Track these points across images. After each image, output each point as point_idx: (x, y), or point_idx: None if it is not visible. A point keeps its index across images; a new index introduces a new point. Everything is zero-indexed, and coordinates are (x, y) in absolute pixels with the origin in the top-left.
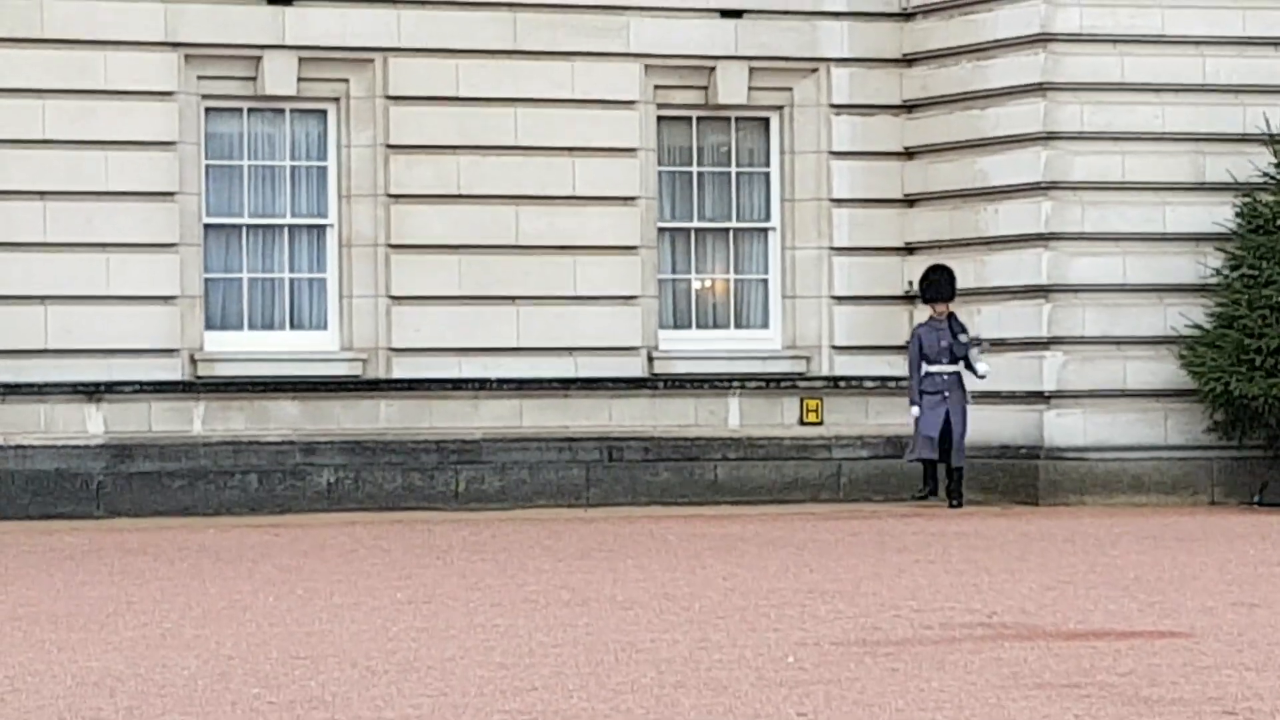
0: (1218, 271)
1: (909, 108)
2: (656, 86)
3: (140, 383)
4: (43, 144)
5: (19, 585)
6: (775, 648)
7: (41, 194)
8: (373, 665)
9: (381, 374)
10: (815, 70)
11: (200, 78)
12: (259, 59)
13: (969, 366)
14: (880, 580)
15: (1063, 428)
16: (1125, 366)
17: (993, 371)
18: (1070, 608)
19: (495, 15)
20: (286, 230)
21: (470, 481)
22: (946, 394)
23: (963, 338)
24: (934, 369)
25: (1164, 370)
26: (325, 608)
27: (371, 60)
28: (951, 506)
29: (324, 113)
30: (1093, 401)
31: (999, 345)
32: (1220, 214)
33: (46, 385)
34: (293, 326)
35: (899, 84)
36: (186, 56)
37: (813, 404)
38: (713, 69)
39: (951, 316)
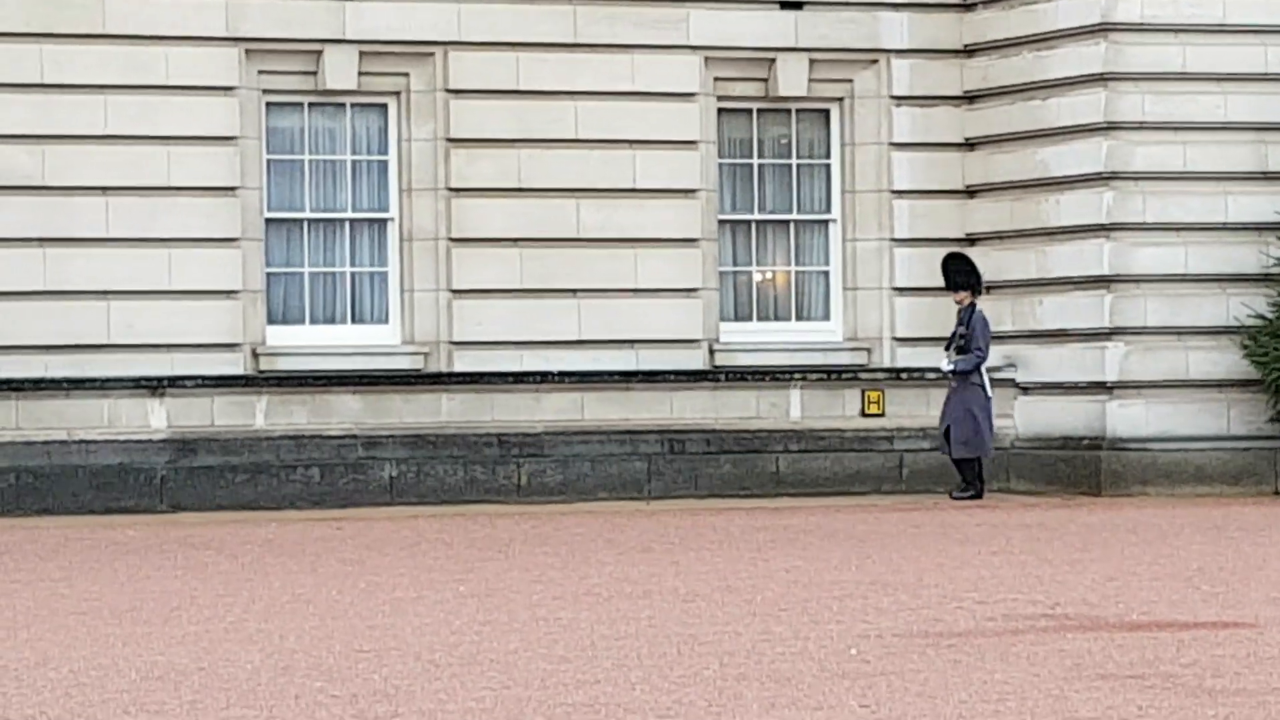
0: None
1: (969, 98)
2: (717, 79)
3: (202, 377)
4: (105, 140)
5: (83, 580)
6: (838, 640)
7: (104, 190)
8: (435, 658)
9: (443, 368)
10: (875, 61)
11: (261, 73)
12: (320, 53)
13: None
14: (943, 572)
15: (1125, 418)
16: (1188, 357)
17: (1051, 362)
18: (1133, 599)
19: (555, 8)
20: (348, 224)
21: (532, 475)
22: (954, 386)
23: (959, 330)
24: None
25: (1226, 360)
26: (388, 601)
27: (432, 54)
28: (952, 498)
29: (384, 107)
30: (1155, 392)
31: (1061, 336)
32: None
33: (109, 380)
34: (354, 320)
35: (959, 75)
36: (248, 51)
37: (874, 396)
38: (773, 61)
39: (970, 308)
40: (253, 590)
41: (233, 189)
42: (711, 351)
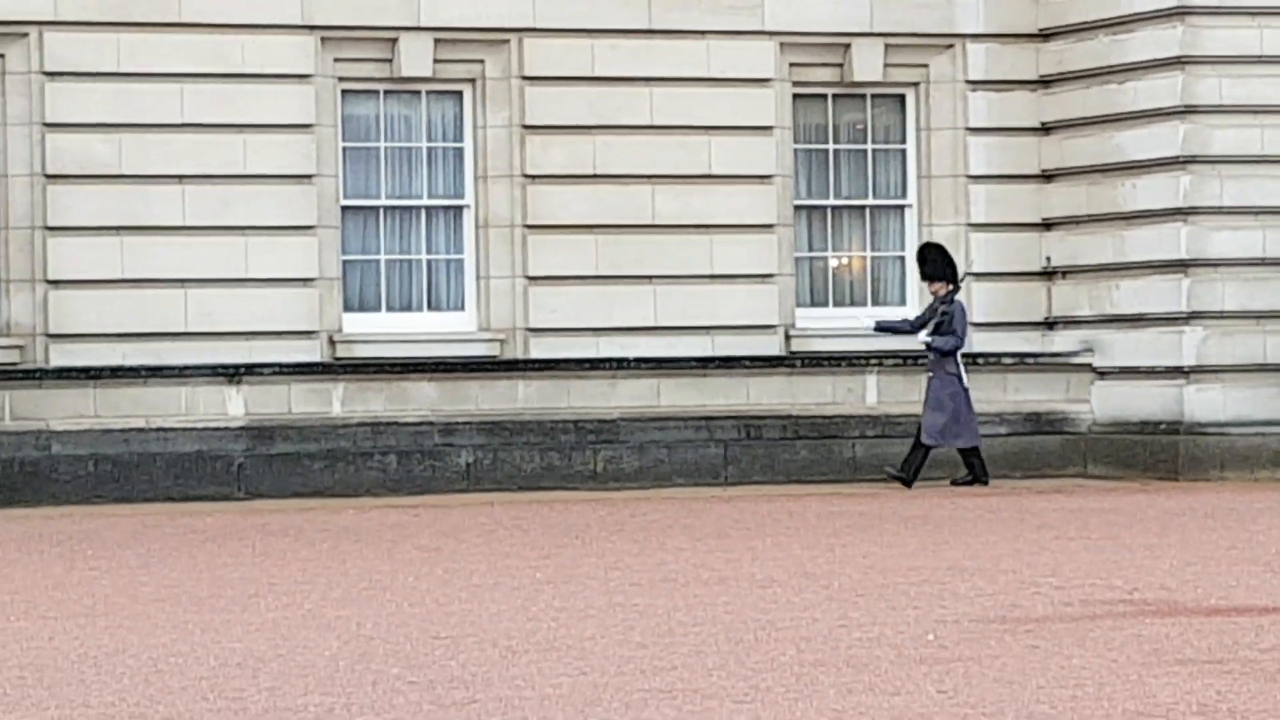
0: None
1: (1045, 83)
2: (792, 64)
3: (279, 365)
4: (181, 128)
5: (161, 567)
6: (915, 625)
7: (180, 178)
8: (513, 645)
9: (519, 354)
10: (951, 46)
11: (337, 60)
12: (395, 41)
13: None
14: (1020, 557)
15: (1203, 403)
16: (1265, 341)
17: (1128, 347)
18: (1211, 584)
19: None
20: (423, 211)
21: (608, 461)
22: (931, 376)
23: (941, 308)
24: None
25: None
26: (465, 587)
27: (507, 41)
28: (895, 476)
29: (460, 94)
30: (1233, 376)
31: (1138, 321)
32: None
33: (187, 368)
34: (430, 307)
35: (1035, 59)
36: (323, 39)
37: None
38: (848, 46)
39: (948, 297)
40: (330, 577)
41: (309, 177)
42: (788, 337)
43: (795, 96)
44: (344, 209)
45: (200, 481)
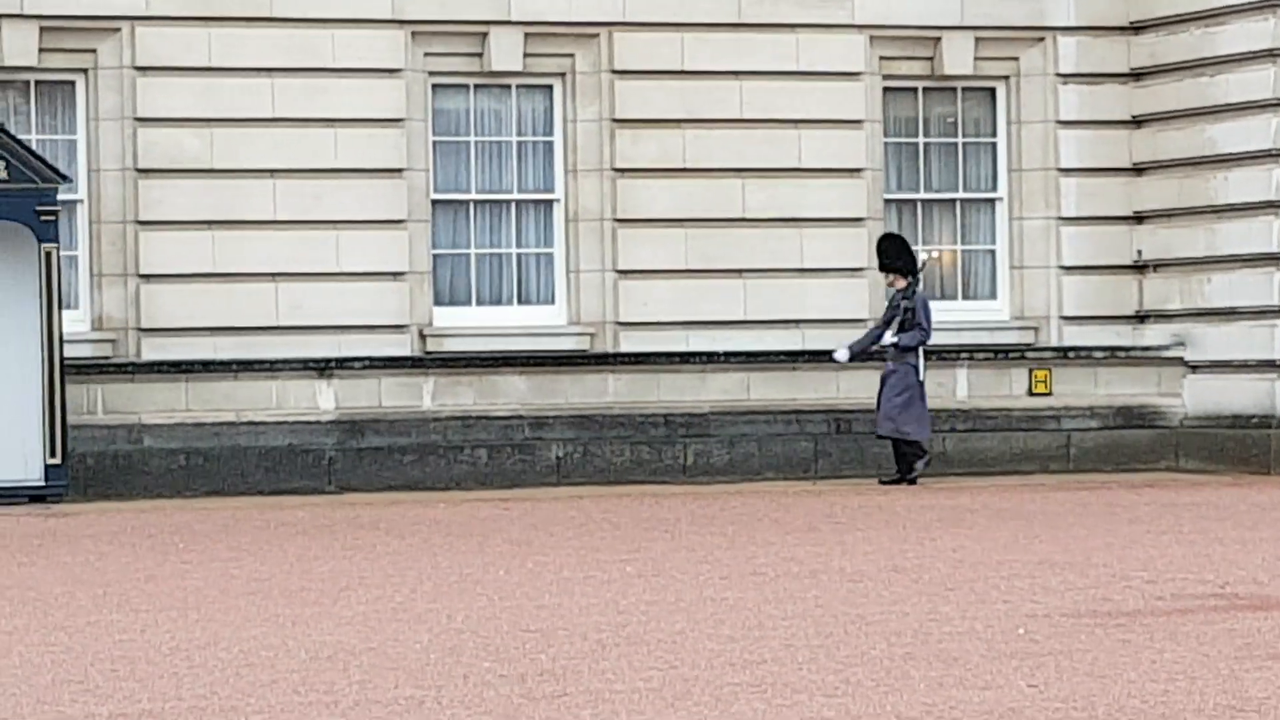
0: None
1: (1137, 75)
2: (882, 58)
3: (370, 358)
4: (272, 123)
5: (252, 560)
6: (1006, 619)
7: (271, 172)
8: (603, 638)
9: (609, 348)
10: (1042, 39)
11: (427, 55)
12: (485, 35)
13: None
14: (1111, 551)
15: None
16: None
17: (1220, 341)
18: None
19: None
20: (514, 205)
21: (698, 455)
22: (890, 367)
23: (904, 303)
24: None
25: None
26: (555, 581)
27: (596, 35)
28: (882, 482)
29: (550, 88)
30: None
31: (1230, 314)
32: None
33: (278, 362)
34: (520, 301)
35: (1126, 52)
36: (413, 34)
37: (1041, 374)
38: (938, 39)
39: (908, 289)
40: (420, 570)
41: (399, 171)
42: None
43: (885, 90)
44: (434, 203)
45: (291, 475)
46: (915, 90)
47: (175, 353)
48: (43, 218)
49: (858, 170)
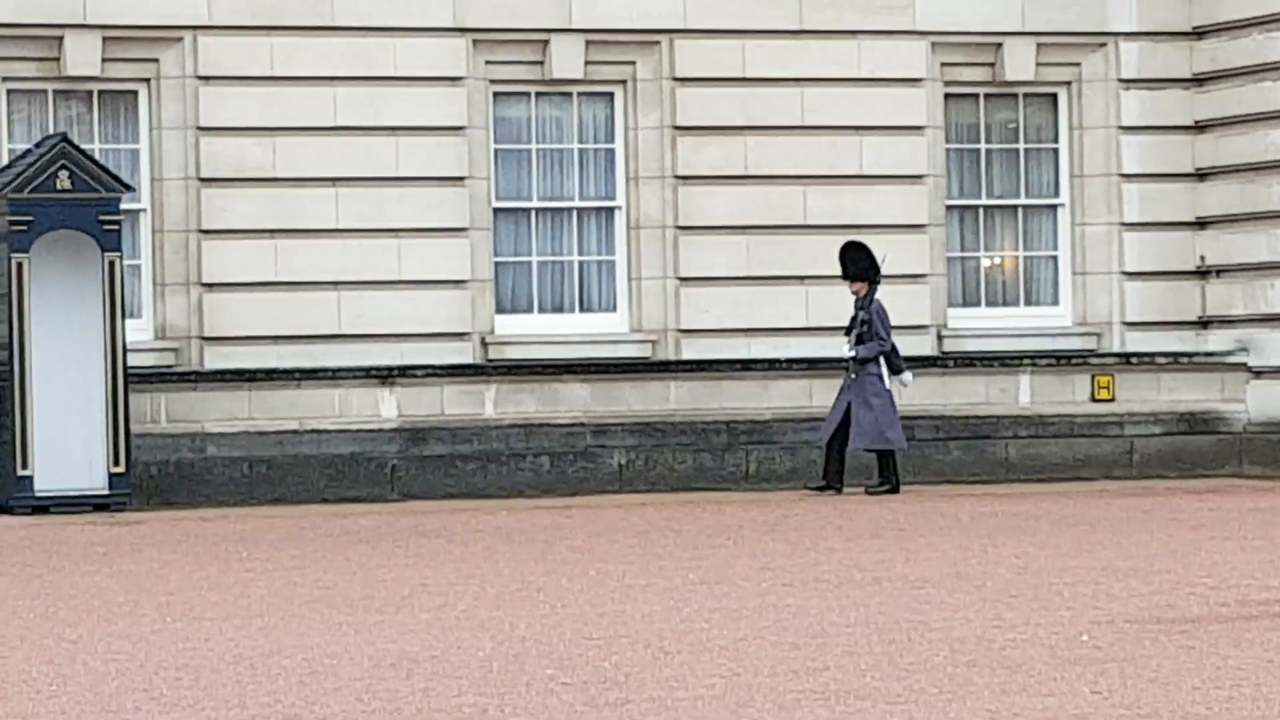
0: None
1: (1199, 80)
2: (943, 64)
3: (432, 366)
4: (334, 131)
5: (316, 568)
6: (1069, 626)
7: (333, 181)
8: (665, 645)
9: (671, 355)
10: (1103, 45)
11: (488, 62)
12: (546, 43)
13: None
14: (1175, 557)
15: None
16: None
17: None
18: None
19: None
20: (575, 213)
21: (760, 462)
22: (854, 376)
23: (860, 315)
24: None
25: None
26: (618, 588)
27: (658, 42)
28: (868, 493)
29: (611, 95)
30: None
31: None
32: None
33: (340, 370)
34: (582, 309)
35: (1188, 57)
36: (475, 42)
37: (1104, 380)
38: (1000, 45)
39: (868, 297)
40: (483, 578)
41: (461, 179)
42: (940, 337)
43: (947, 96)
44: (496, 211)
45: (354, 483)
46: (977, 96)
47: (238, 361)
48: (106, 227)
49: (919, 176)
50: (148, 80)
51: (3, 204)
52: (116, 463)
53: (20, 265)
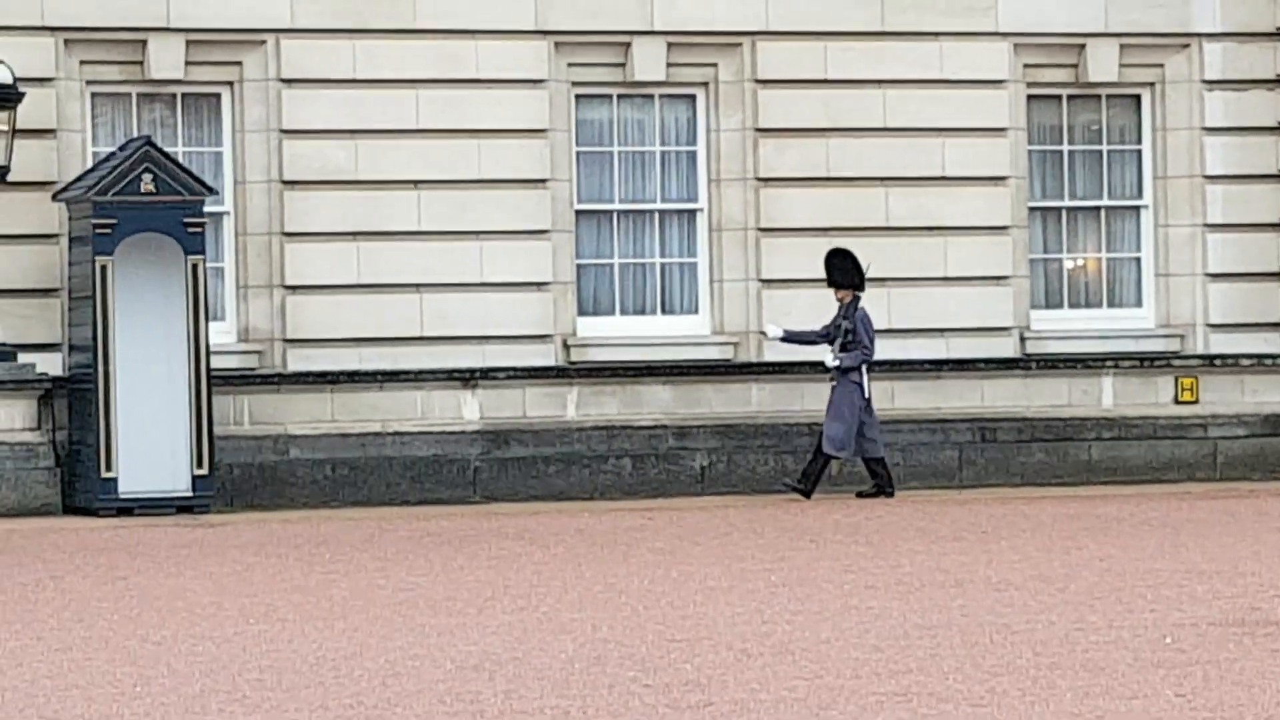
0: None
1: None
2: (1026, 65)
3: (514, 369)
4: (416, 134)
5: (398, 570)
6: (1152, 628)
7: (415, 183)
8: (748, 648)
9: (753, 357)
10: (1187, 46)
11: (570, 65)
12: (628, 45)
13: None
14: (1259, 560)
15: None
16: None
17: None
18: None
19: None
20: (657, 215)
21: (842, 464)
22: (836, 384)
23: (844, 324)
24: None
25: None
26: (700, 590)
27: (739, 44)
28: (793, 488)
29: (693, 98)
30: None
31: None
32: None
33: (423, 372)
34: (664, 311)
35: (1273, 57)
36: (557, 44)
37: (1188, 382)
38: (1083, 46)
39: (852, 304)
40: (565, 580)
41: (543, 181)
42: (1023, 339)
43: (1029, 97)
44: (578, 213)
45: (436, 485)
46: (1059, 98)
47: (321, 363)
48: (189, 230)
49: (1002, 178)
50: (231, 83)
51: (87, 207)
52: (200, 465)
53: (104, 268)
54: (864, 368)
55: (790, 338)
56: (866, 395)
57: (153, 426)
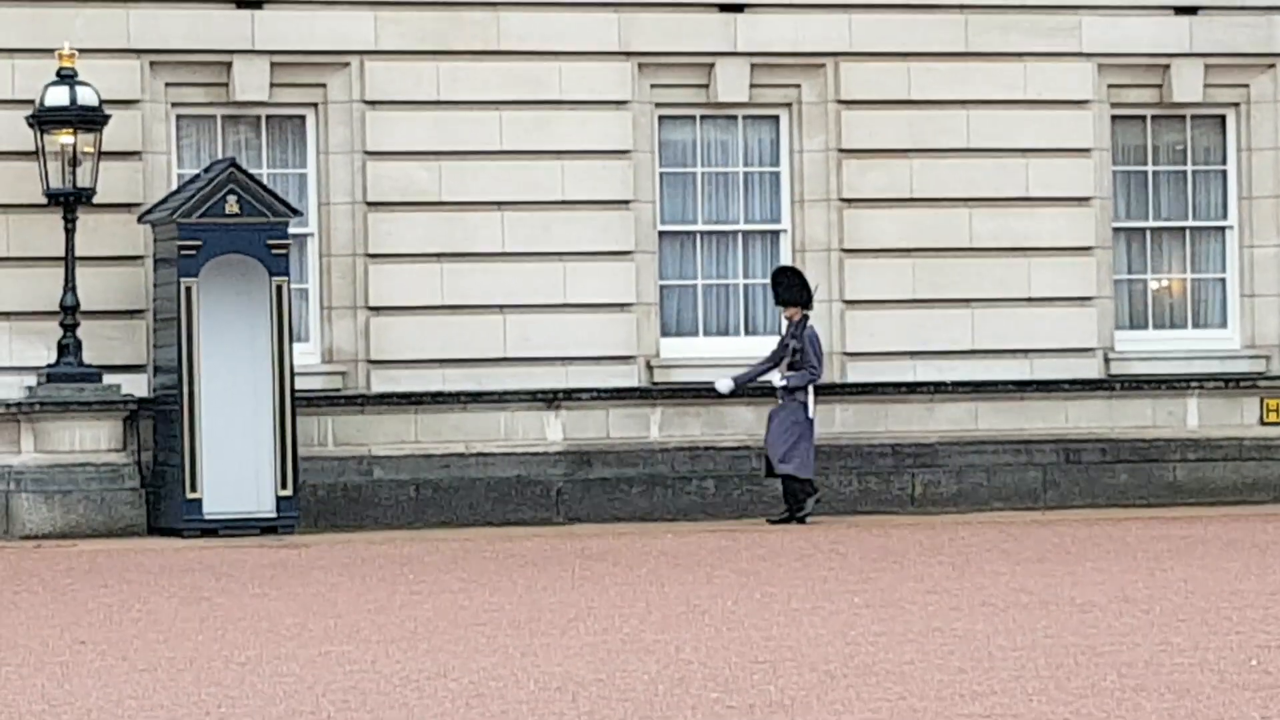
0: None
1: None
2: (1110, 85)
3: (597, 390)
4: (500, 155)
5: (482, 591)
6: (1238, 650)
7: (499, 204)
8: (831, 669)
9: (836, 378)
10: (1272, 66)
11: (654, 86)
12: (711, 66)
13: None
14: None
15: None
16: None
17: None
18: None
19: (946, 17)
20: (740, 236)
21: (926, 485)
22: (781, 403)
23: (792, 344)
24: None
25: None
26: (783, 611)
27: (823, 65)
28: (770, 521)
29: (776, 119)
30: None
31: None
32: None
33: (506, 393)
34: (747, 332)
35: None
36: (640, 65)
37: (1273, 404)
38: (1167, 67)
39: (801, 323)
40: (649, 601)
41: (626, 202)
42: (1107, 360)
43: (1114, 118)
44: (661, 234)
45: (519, 506)
46: (1144, 118)
47: (404, 384)
48: (274, 251)
49: (1086, 199)
50: (315, 105)
51: (172, 229)
52: (284, 486)
53: (189, 289)
54: (810, 388)
55: (741, 380)
56: (810, 415)
57: (237, 447)
